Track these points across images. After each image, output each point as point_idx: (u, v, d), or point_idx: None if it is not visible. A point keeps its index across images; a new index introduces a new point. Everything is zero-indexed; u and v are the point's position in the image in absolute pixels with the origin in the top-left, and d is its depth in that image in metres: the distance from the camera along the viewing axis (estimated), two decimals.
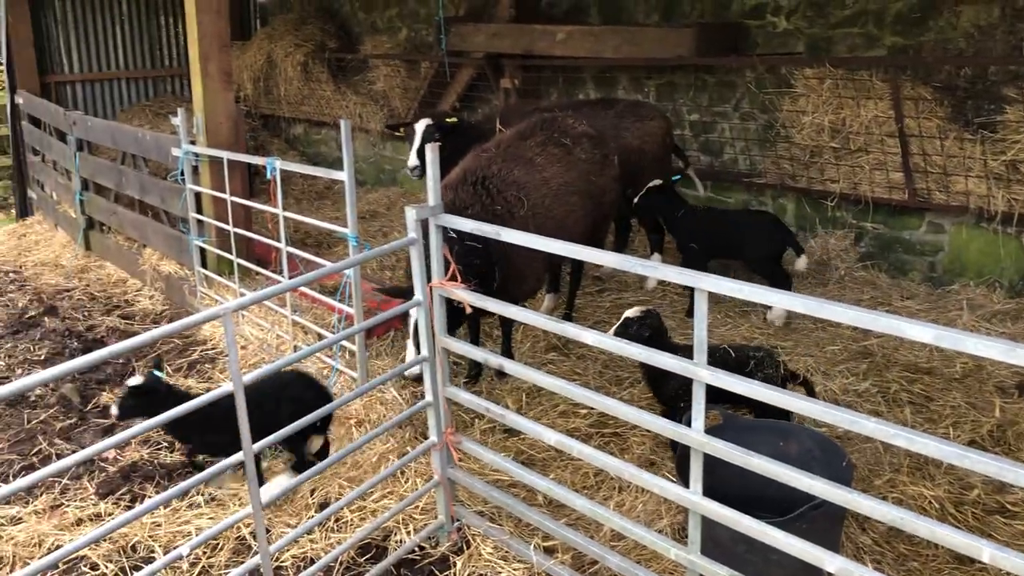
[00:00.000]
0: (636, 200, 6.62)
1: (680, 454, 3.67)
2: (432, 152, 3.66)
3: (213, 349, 6.49)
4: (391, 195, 11.09)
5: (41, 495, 4.56)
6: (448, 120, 6.84)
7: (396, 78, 11.28)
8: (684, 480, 3.19)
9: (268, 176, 5.70)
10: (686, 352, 3.02)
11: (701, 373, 2.83)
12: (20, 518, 4.35)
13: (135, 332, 6.99)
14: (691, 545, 3.07)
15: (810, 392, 4.51)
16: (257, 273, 6.67)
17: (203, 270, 7.01)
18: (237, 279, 6.48)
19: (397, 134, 6.32)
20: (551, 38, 8.78)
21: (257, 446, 3.06)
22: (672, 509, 4.03)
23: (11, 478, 4.81)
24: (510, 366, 3.66)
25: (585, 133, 5.84)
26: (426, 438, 4.01)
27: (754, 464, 2.75)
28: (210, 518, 4.29)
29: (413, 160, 6.87)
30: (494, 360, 3.71)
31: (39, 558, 3.95)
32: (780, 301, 2.66)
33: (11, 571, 3.94)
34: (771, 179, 7.73)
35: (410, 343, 4.82)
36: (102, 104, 12.77)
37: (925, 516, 2.46)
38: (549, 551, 3.82)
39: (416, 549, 3.97)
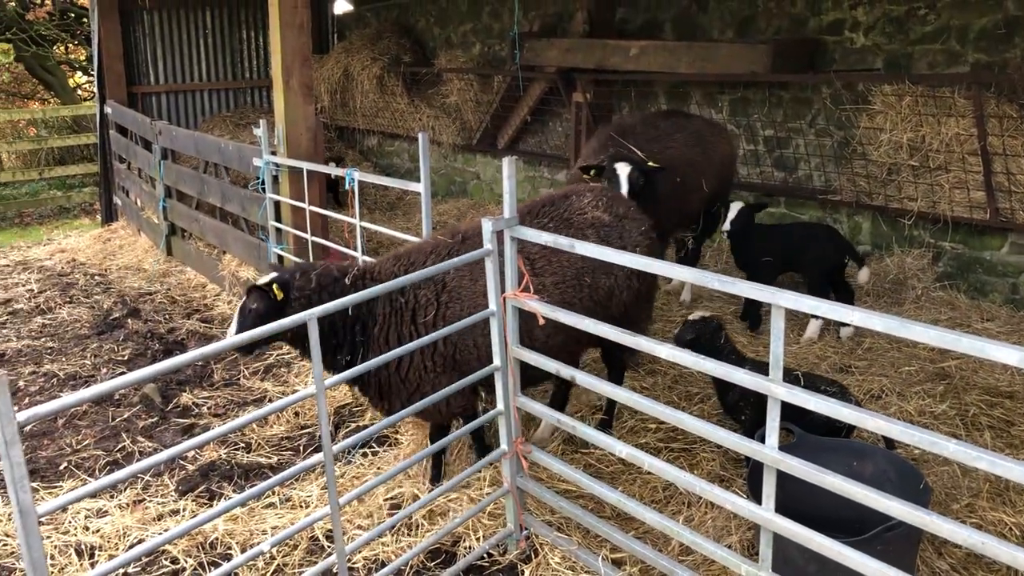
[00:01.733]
0: (730, 224, 6.35)
1: (752, 470, 3.65)
2: (508, 166, 3.73)
3: (288, 354, 6.65)
4: (461, 206, 11.24)
5: (125, 490, 4.75)
6: (650, 164, 6.09)
7: (469, 92, 11.43)
8: (756, 497, 3.17)
9: (346, 187, 5.85)
10: (757, 367, 3.02)
11: (776, 390, 2.81)
12: (106, 511, 4.54)
13: (214, 335, 7.21)
14: (762, 562, 3.05)
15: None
16: None
17: None
18: None
19: (586, 176, 5.96)
20: (624, 53, 8.82)
21: None
22: (741, 525, 4.01)
23: (97, 472, 5.01)
24: (582, 378, 3.69)
25: (595, 222, 4.58)
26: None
27: (829, 483, 2.73)
28: (283, 518, 4.41)
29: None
30: (566, 372, 3.75)
31: (123, 550, 4.13)
32: (862, 320, 2.63)
33: (94, 561, 4.11)
34: (846, 196, 7.61)
35: None
36: (184, 114, 13.21)
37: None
38: (617, 563, 3.83)
39: (485, 556, 4.01)
